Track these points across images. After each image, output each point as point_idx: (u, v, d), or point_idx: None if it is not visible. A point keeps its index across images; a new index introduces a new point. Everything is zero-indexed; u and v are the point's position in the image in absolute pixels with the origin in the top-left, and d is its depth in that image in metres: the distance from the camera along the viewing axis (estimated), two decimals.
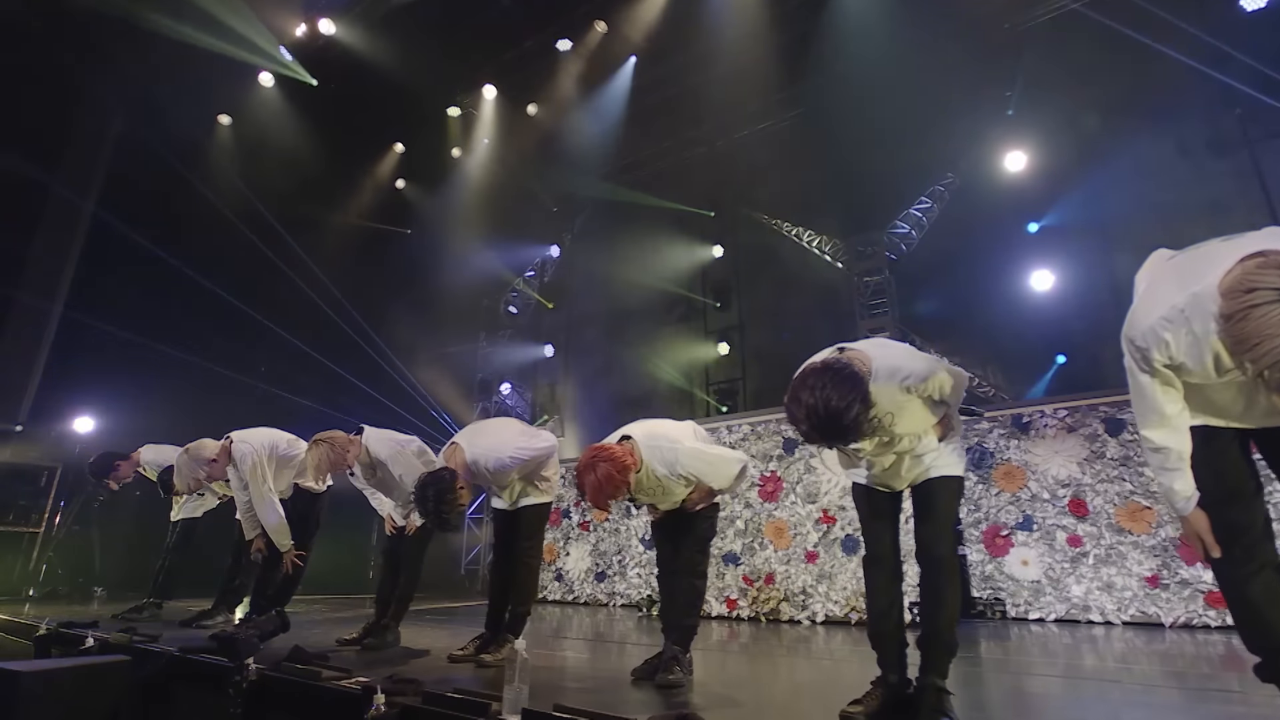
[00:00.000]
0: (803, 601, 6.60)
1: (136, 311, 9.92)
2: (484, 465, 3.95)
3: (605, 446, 3.33)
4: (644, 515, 7.98)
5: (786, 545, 6.84)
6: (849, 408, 2.30)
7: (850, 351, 2.58)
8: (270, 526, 4.88)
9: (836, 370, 2.37)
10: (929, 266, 10.55)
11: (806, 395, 2.34)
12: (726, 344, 11.70)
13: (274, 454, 5.04)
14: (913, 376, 2.57)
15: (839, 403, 2.30)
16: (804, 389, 2.36)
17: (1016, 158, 9.47)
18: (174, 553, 6.34)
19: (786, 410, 2.44)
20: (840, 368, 2.38)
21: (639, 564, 7.82)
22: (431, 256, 12.70)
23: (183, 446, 6.58)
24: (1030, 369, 9.20)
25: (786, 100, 11.70)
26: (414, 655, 4.32)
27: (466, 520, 12.82)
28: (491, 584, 4.29)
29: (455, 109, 11.87)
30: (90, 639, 4.60)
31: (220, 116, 11.33)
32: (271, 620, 3.77)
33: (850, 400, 2.31)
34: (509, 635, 4.02)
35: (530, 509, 4.23)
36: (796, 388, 2.40)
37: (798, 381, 2.42)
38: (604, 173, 12.35)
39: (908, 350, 2.72)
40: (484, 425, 4.22)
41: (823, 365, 2.42)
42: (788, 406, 2.43)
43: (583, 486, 3.25)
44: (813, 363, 2.50)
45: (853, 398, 2.31)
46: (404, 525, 4.80)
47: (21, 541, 8.63)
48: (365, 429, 4.68)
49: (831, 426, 2.33)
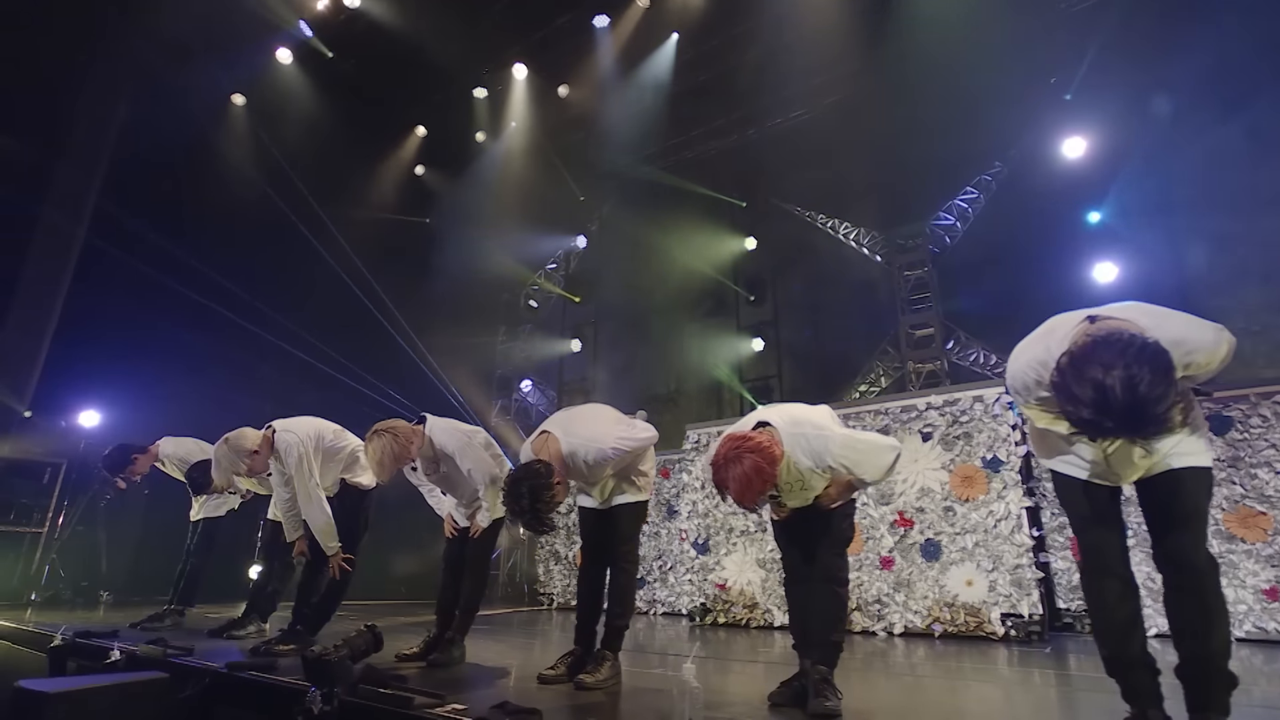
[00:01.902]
0: (878, 611, 6.11)
1: (145, 299, 9.38)
2: (582, 458, 3.44)
3: (747, 435, 2.84)
4: (689, 517, 7.48)
5: (858, 550, 6.34)
6: (1164, 395, 1.81)
7: (1113, 320, 2.08)
8: (317, 527, 4.35)
9: (1143, 346, 1.86)
10: (974, 260, 10.12)
11: (1100, 374, 1.84)
12: (761, 339, 11.21)
13: (319, 445, 4.51)
14: (1198, 351, 2.08)
15: (1151, 389, 1.81)
16: (1093, 365, 1.86)
17: (1075, 143, 9.00)
18: (196, 555, 5.81)
19: (1062, 389, 1.94)
20: (1145, 344, 1.87)
21: (690, 570, 7.30)
22: (450, 247, 12.15)
23: (201, 439, 6.13)
24: None
25: (823, 87, 11.28)
26: (494, 674, 3.82)
27: None
28: (581, 594, 3.77)
29: (482, 90, 11.32)
30: (116, 651, 4.08)
31: (234, 96, 10.76)
32: (364, 638, 3.25)
33: (1164, 386, 1.82)
34: (607, 652, 3.52)
35: (626, 508, 3.72)
36: (1080, 363, 1.90)
37: (1080, 356, 1.92)
38: (636, 159, 11.83)
39: (1186, 318, 2.19)
40: (578, 413, 3.70)
41: (1116, 337, 1.91)
42: (1065, 385, 1.93)
43: (724, 483, 2.76)
44: (1091, 333, 2.00)
45: (1167, 382, 1.82)
46: (468, 527, 4.30)
47: (23, 542, 8.07)
48: (428, 418, 4.17)
49: (1138, 416, 1.83)
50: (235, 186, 10.31)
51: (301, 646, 4.30)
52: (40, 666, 4.65)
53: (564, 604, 8.97)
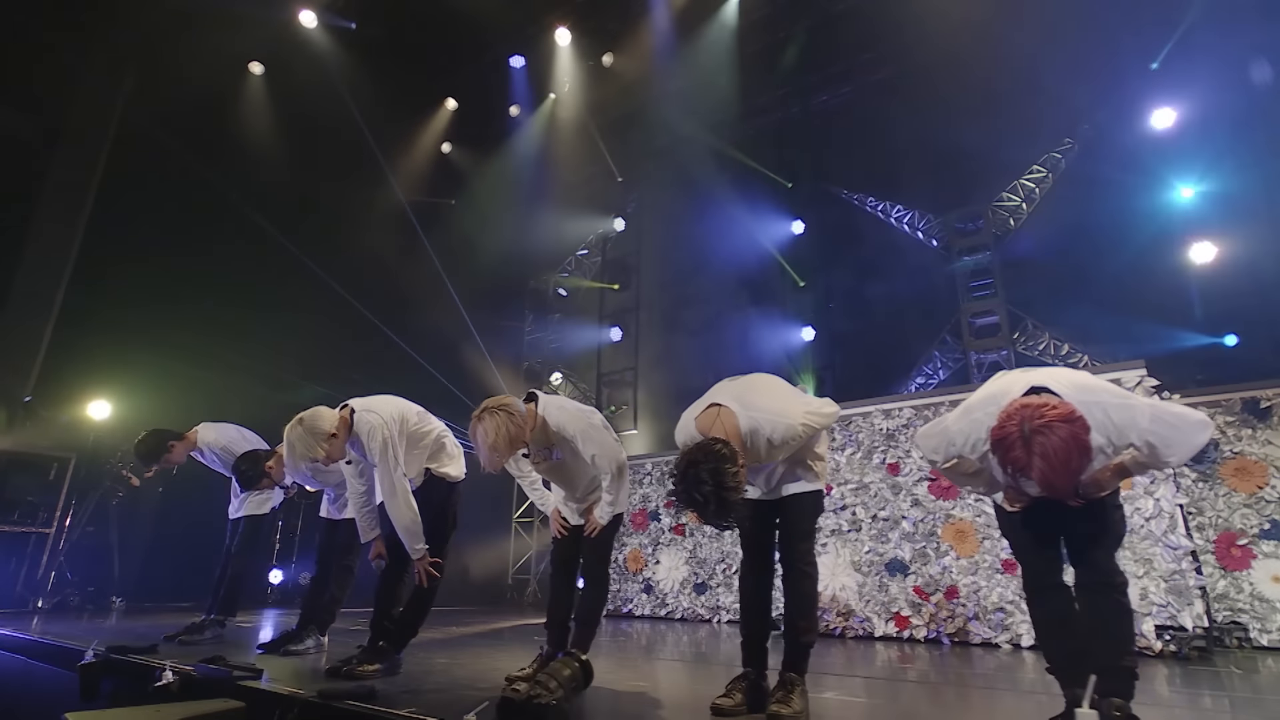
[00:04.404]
0: (1000, 621, 5.45)
1: (159, 279, 8.66)
2: (766, 436, 2.78)
3: (1047, 403, 2.19)
4: None
5: (972, 552, 5.69)
6: None
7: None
8: (402, 525, 3.64)
9: None
10: (1042, 243, 9.53)
11: None
12: (812, 329, 10.55)
13: (404, 429, 3.80)
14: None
15: None
16: None
17: (1164, 114, 8.38)
18: (238, 558, 5.08)
19: None
20: None
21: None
22: (476, 229, 11.40)
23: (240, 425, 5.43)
24: (1188, 352, 8.06)
25: (875, 60, 10.67)
26: (650, 705, 3.13)
27: (513, 525, 11.61)
28: (747, 605, 3.10)
29: (520, 58, 10.57)
30: (168, 673, 3.39)
31: (251, 64, 10.00)
32: (571, 668, 2.56)
33: None
34: (794, 676, 2.85)
35: (803, 499, 3.04)
36: None
37: None
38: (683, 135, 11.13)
39: None
40: (748, 383, 3.01)
41: None
42: None
43: (1025, 460, 2.15)
44: None
45: None
46: (579, 525, 3.62)
47: (28, 544, 7.33)
48: (539, 395, 3.48)
49: None
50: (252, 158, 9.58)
51: (389, 666, 3.62)
52: (67, 687, 3.95)
53: (612, 611, 8.23)
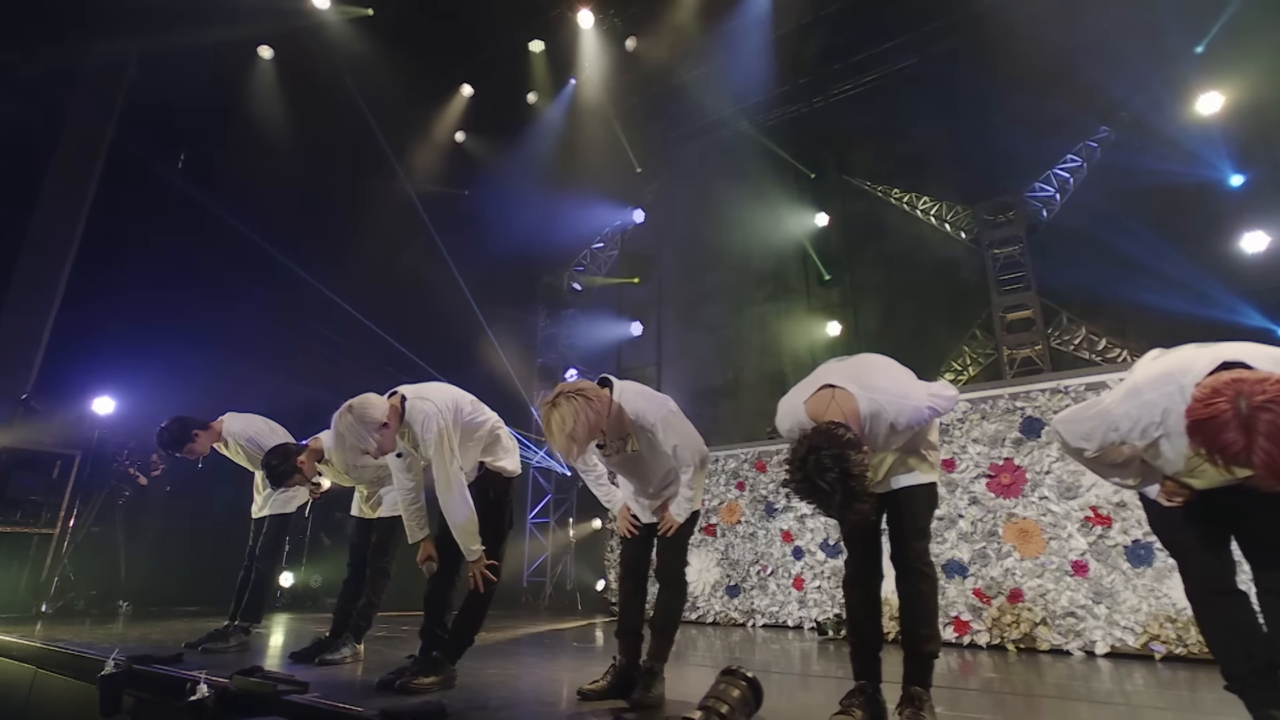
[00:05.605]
0: (1072, 626, 5.14)
1: (165, 270, 8.32)
2: (889, 420, 2.47)
3: (1267, 377, 1.88)
4: (813, 515, 6.50)
5: (1037, 552, 5.39)
6: None
7: None
8: (457, 523, 3.31)
9: None
10: (1077, 234, 9.20)
11: None
12: (838, 324, 10.24)
13: (458, 419, 3.46)
14: None
15: None
16: None
17: (1210, 99, 8.10)
18: (262, 559, 4.74)
19: None
20: None
21: (819, 575, 6.31)
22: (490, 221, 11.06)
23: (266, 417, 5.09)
24: None
25: (902, 46, 10.40)
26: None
27: (529, 525, 11.27)
28: (855, 612, 2.77)
29: (539, 42, 10.22)
30: (203, 686, 3.07)
31: (260, 48, 9.64)
32: (738, 687, 2.24)
33: None
34: (920, 690, 2.54)
35: (916, 492, 2.72)
36: None
37: None
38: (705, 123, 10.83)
39: None
40: (863, 362, 2.70)
41: None
42: None
43: (1246, 445, 1.81)
44: None
45: None
46: (651, 523, 3.30)
47: (30, 545, 6.97)
48: (613, 381, 3.16)
49: None
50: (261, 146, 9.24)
51: (446, 679, 3.29)
52: (86, 699, 3.62)
53: None
